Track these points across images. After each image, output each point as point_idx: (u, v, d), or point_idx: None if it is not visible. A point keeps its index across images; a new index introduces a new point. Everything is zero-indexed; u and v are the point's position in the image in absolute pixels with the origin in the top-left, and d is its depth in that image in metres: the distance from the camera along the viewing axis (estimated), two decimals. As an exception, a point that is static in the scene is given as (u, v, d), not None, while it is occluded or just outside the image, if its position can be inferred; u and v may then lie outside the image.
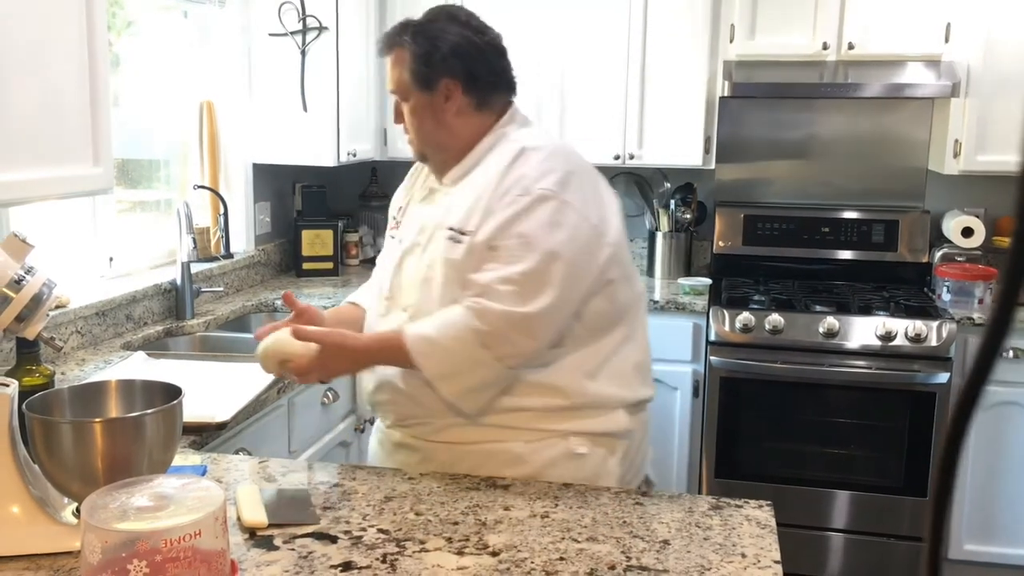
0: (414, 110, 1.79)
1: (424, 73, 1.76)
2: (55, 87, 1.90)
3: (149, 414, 1.39)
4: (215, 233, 3.38)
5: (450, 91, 1.76)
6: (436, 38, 1.77)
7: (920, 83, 3.38)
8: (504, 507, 1.53)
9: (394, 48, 1.79)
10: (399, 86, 1.79)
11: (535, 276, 1.63)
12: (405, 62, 1.76)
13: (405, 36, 1.77)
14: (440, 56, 1.75)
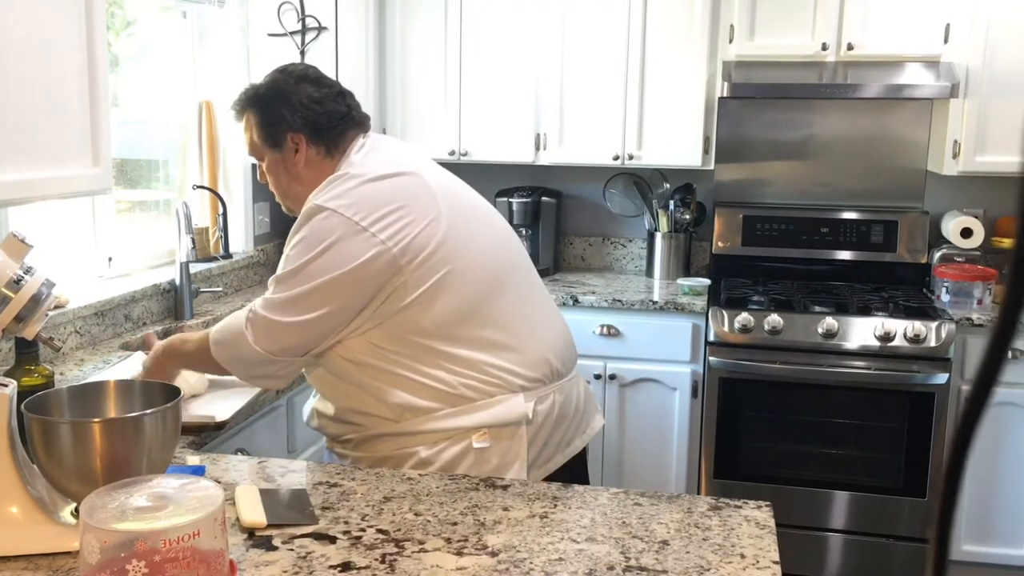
0: (269, 168, 1.93)
1: (270, 132, 1.90)
2: (54, 87, 1.90)
3: (148, 414, 1.39)
4: (214, 233, 3.38)
5: (297, 144, 1.90)
6: (275, 99, 1.91)
7: (919, 84, 3.39)
8: (503, 507, 1.53)
9: (243, 114, 1.94)
10: (252, 148, 1.94)
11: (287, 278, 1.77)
12: (252, 125, 1.92)
13: (247, 102, 1.93)
14: (280, 114, 1.89)
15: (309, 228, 1.77)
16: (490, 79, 3.69)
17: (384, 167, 1.83)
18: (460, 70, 3.71)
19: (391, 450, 1.84)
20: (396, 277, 1.75)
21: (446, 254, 1.78)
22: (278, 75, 1.97)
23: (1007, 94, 3.33)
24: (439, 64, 3.74)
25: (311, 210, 1.78)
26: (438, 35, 3.72)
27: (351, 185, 1.79)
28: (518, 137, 3.72)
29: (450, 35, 3.71)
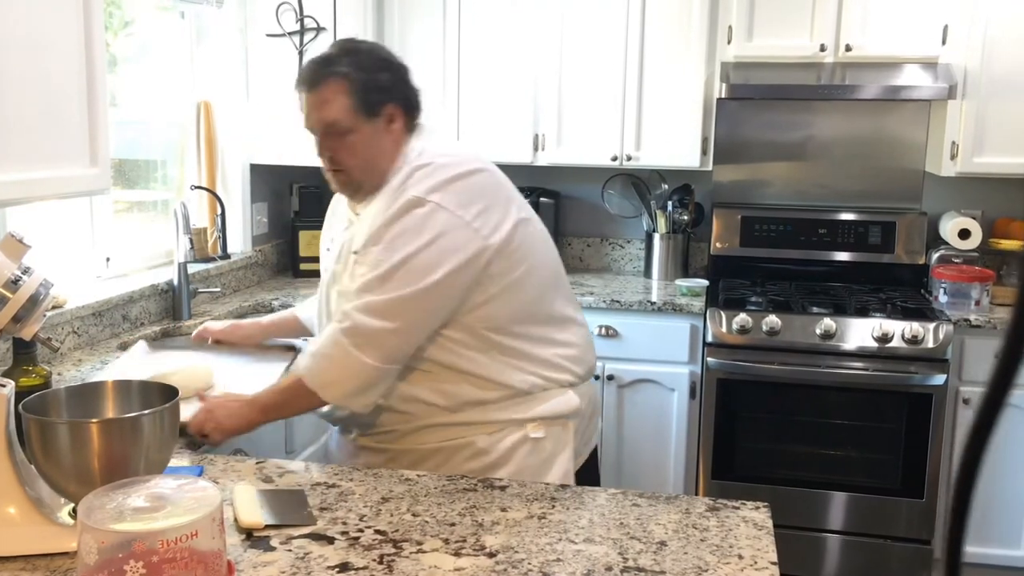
0: (359, 141, 1.80)
1: (369, 99, 1.79)
2: (52, 87, 1.90)
3: (146, 415, 1.39)
4: (212, 234, 3.37)
5: (393, 116, 1.82)
6: (379, 66, 1.82)
7: (917, 85, 3.39)
8: (501, 508, 1.53)
9: (327, 81, 1.77)
10: (340, 118, 1.78)
11: (390, 276, 1.72)
12: (345, 92, 1.77)
13: (339, 67, 1.78)
14: (383, 82, 1.81)
15: (412, 220, 1.72)
16: (488, 80, 3.69)
17: (465, 161, 1.83)
18: (458, 71, 3.71)
19: (443, 439, 1.83)
20: (486, 272, 1.77)
21: (524, 252, 1.82)
22: (369, 44, 1.87)
23: (1005, 95, 3.33)
24: (437, 65, 3.74)
25: (411, 202, 1.73)
26: (436, 36, 3.72)
27: (445, 177, 1.77)
28: (516, 138, 3.72)
29: (448, 35, 3.71)
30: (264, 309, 3.35)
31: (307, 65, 1.81)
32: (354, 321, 1.72)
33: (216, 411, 1.80)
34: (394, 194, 1.77)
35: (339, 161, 1.82)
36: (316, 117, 1.80)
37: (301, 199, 3.95)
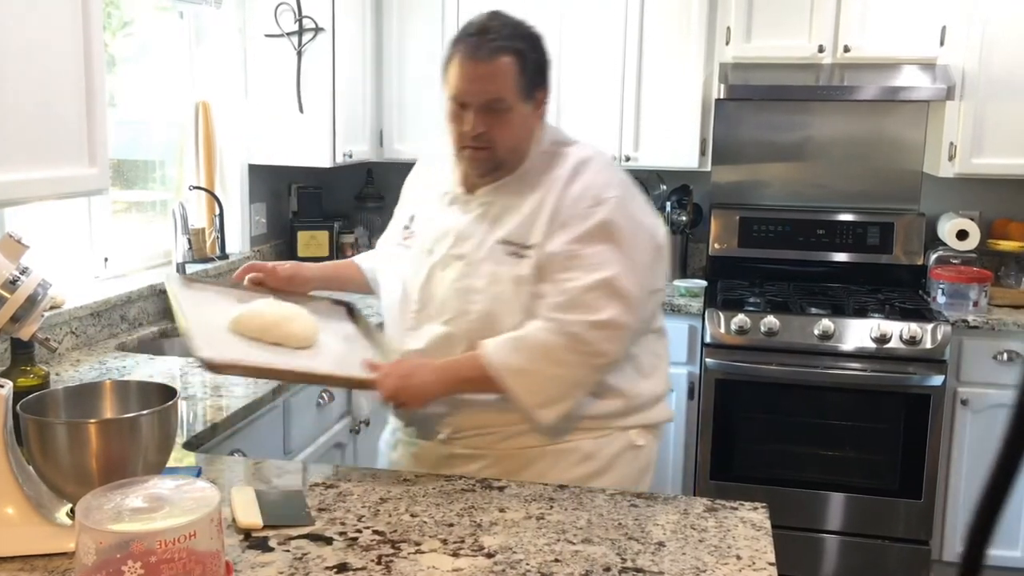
0: (515, 120, 1.70)
1: (532, 80, 1.70)
2: (51, 87, 1.90)
3: (144, 415, 1.38)
4: (211, 234, 3.37)
5: (541, 100, 1.75)
6: (539, 47, 1.72)
7: (915, 86, 3.39)
8: (499, 509, 1.53)
9: (501, 55, 1.66)
10: (506, 95, 1.67)
11: (616, 282, 1.65)
12: (516, 70, 1.67)
13: (516, 43, 1.68)
14: (544, 64, 1.73)
15: (613, 215, 1.67)
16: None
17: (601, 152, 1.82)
18: (457, 71, 3.71)
19: (547, 442, 1.74)
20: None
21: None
22: (522, 21, 1.74)
23: (1003, 96, 3.34)
24: (436, 65, 3.71)
25: (600, 199, 1.67)
26: (435, 36, 3.72)
27: (613, 169, 1.76)
28: (515, 138, 3.71)
29: (447, 35, 3.70)
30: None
31: (476, 34, 1.69)
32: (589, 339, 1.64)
33: (412, 378, 1.68)
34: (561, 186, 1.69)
35: (490, 138, 1.69)
36: (480, 89, 1.67)
37: (299, 199, 3.95)
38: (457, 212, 1.78)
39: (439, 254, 1.77)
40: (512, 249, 1.70)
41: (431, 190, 1.86)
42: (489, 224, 1.73)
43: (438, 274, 1.76)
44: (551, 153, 1.75)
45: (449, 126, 1.73)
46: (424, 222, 1.84)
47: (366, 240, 4.14)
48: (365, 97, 3.76)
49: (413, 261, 1.82)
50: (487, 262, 1.71)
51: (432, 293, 1.77)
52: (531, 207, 1.70)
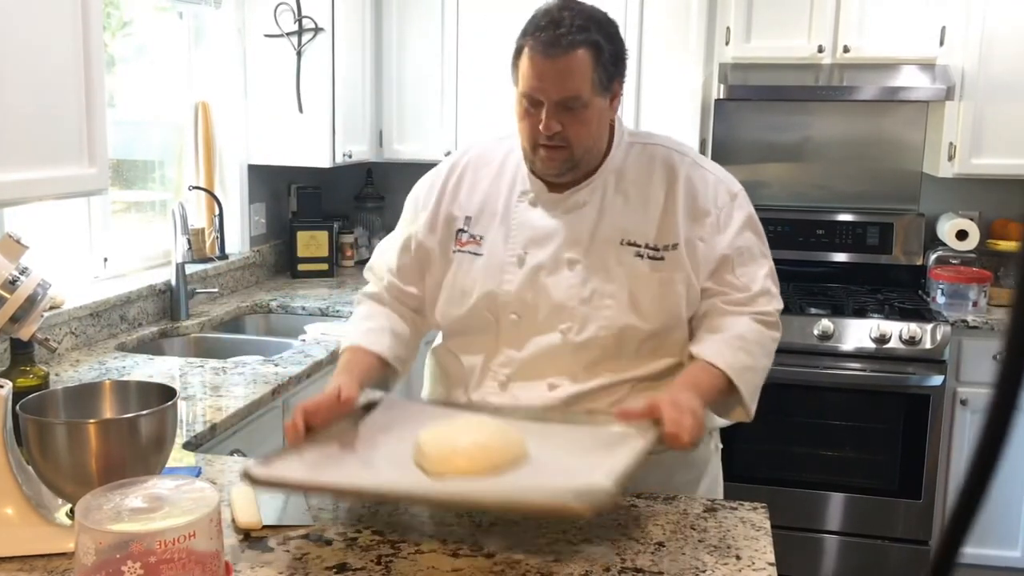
0: (593, 116, 1.59)
1: (610, 74, 1.59)
2: (50, 87, 1.90)
3: (144, 415, 1.39)
4: (210, 234, 3.37)
5: (616, 92, 1.63)
6: (614, 35, 1.60)
7: (915, 86, 3.39)
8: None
9: (577, 49, 1.54)
10: (583, 91, 1.56)
11: (774, 268, 1.69)
12: (592, 64, 1.55)
13: (591, 34, 1.55)
14: (621, 52, 1.62)
15: (749, 206, 1.68)
16: (486, 80, 3.69)
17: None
18: (456, 71, 3.71)
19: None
20: None
21: None
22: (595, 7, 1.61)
23: (1002, 96, 3.34)
24: (435, 65, 3.75)
25: (735, 193, 1.67)
26: (434, 36, 3.72)
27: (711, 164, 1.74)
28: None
29: (446, 36, 3.71)
30: (262, 310, 3.35)
31: (547, 26, 1.54)
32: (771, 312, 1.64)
33: (697, 411, 1.48)
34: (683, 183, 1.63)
35: (566, 137, 1.57)
36: (555, 87, 1.55)
37: (299, 200, 3.95)
38: (548, 213, 1.66)
39: (541, 258, 1.64)
40: (642, 251, 1.62)
41: (493, 191, 1.71)
42: (598, 225, 1.64)
43: (544, 280, 1.63)
44: (637, 145, 1.69)
45: (520, 124, 1.63)
46: (498, 225, 1.68)
47: (365, 240, 4.14)
48: (365, 97, 3.76)
49: (492, 268, 1.67)
50: (617, 266, 1.62)
51: (537, 301, 1.63)
52: (649, 206, 1.63)
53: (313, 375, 2.59)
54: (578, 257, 1.63)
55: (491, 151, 1.77)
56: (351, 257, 4.05)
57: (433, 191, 1.75)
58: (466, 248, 1.70)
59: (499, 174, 1.73)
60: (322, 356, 2.65)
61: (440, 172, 1.78)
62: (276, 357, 2.64)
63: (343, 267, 4.02)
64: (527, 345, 1.65)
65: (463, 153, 1.80)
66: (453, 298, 1.71)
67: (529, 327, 1.65)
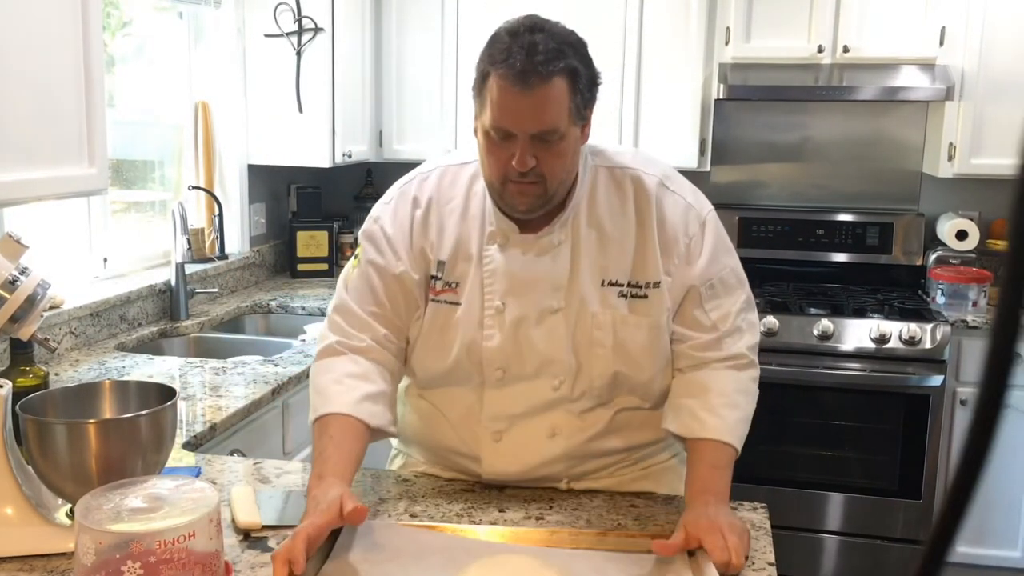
0: (567, 148, 1.46)
1: (586, 100, 1.47)
2: (50, 87, 1.90)
3: (143, 415, 1.38)
4: (210, 234, 3.37)
5: (589, 119, 1.51)
6: (588, 58, 1.49)
7: (915, 86, 3.39)
8: (499, 509, 1.53)
9: (554, 79, 1.40)
10: (560, 123, 1.42)
11: (750, 295, 1.61)
12: (568, 91, 1.42)
13: (567, 60, 1.42)
14: (595, 77, 1.50)
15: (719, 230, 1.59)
16: (486, 80, 3.69)
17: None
18: (456, 71, 3.71)
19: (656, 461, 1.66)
20: None
21: None
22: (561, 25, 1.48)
23: (1002, 97, 3.34)
24: (435, 65, 3.75)
25: (703, 220, 1.56)
26: (434, 36, 3.72)
27: (664, 167, 1.62)
28: (514, 138, 3.71)
29: (446, 36, 3.71)
30: (262, 310, 3.35)
31: (520, 54, 1.39)
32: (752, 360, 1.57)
33: (735, 524, 1.39)
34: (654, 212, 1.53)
35: (541, 172, 1.44)
36: (532, 120, 1.41)
37: (299, 200, 3.95)
38: (523, 256, 1.53)
39: (522, 309, 1.52)
40: (624, 290, 1.53)
41: (463, 233, 1.56)
42: (576, 265, 1.53)
43: (528, 332, 1.52)
44: (603, 170, 1.57)
45: (487, 159, 1.47)
46: (473, 271, 1.55)
47: (365, 240, 4.13)
48: (364, 97, 3.76)
49: (472, 320, 1.54)
50: (601, 310, 1.52)
51: (522, 355, 1.53)
52: (626, 240, 1.53)
53: (313, 375, 2.59)
54: (560, 304, 1.52)
55: (452, 184, 1.59)
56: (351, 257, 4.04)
57: (402, 229, 1.59)
58: (441, 297, 1.56)
59: (465, 212, 1.57)
60: (322, 356, 2.64)
61: (404, 207, 1.60)
62: (276, 357, 2.64)
63: (343, 267, 4.00)
64: (517, 400, 1.55)
65: (422, 185, 1.61)
66: (431, 351, 1.57)
67: (517, 382, 1.54)
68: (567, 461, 1.58)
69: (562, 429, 1.56)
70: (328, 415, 1.49)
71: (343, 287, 1.63)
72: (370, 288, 1.59)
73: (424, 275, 1.57)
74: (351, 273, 1.63)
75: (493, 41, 1.44)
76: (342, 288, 1.63)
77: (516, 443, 1.57)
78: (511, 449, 1.57)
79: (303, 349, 2.73)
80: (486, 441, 1.58)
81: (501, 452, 1.58)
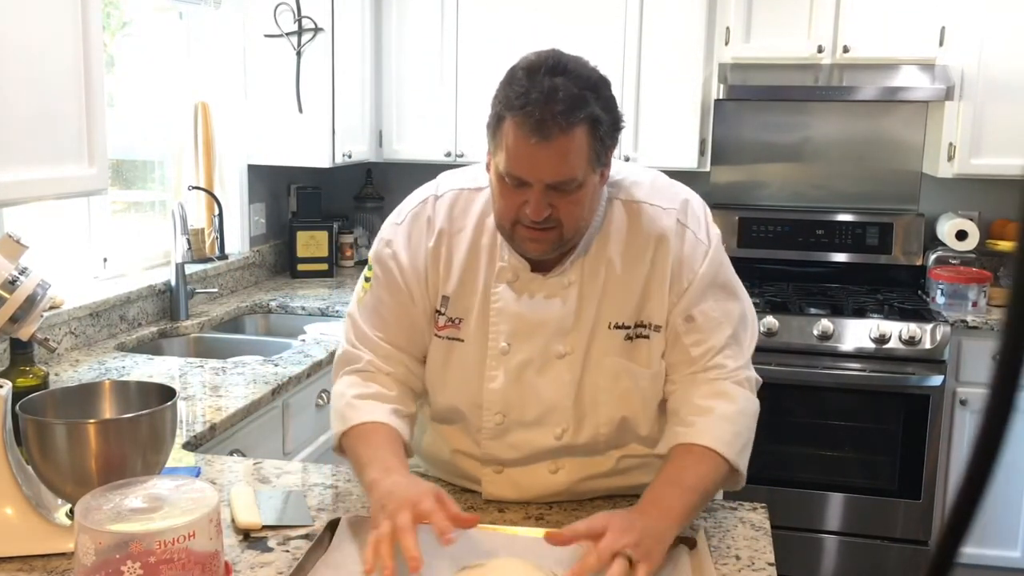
0: (585, 195, 1.39)
1: (607, 146, 1.40)
2: (50, 88, 1.90)
3: (143, 415, 1.38)
4: (210, 234, 3.37)
5: (609, 162, 1.44)
6: (611, 102, 1.41)
7: (914, 86, 3.40)
8: (499, 510, 1.53)
9: (575, 129, 1.33)
10: (579, 173, 1.35)
11: (743, 314, 1.55)
12: (588, 140, 1.35)
13: (589, 107, 1.35)
14: (617, 121, 1.42)
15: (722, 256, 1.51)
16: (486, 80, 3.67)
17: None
18: (456, 71, 3.71)
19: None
20: None
21: None
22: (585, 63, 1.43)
23: (1002, 97, 3.34)
24: (435, 65, 3.75)
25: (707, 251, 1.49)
26: (434, 36, 3.73)
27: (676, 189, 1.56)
28: (514, 139, 3.71)
29: (446, 36, 3.71)
30: (262, 310, 3.35)
31: (538, 102, 1.31)
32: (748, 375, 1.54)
33: (647, 539, 1.27)
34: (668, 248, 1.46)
35: (559, 217, 1.38)
36: (548, 171, 1.34)
37: (299, 200, 3.95)
38: (532, 298, 1.48)
39: (527, 353, 1.47)
40: (630, 332, 1.47)
41: (470, 267, 1.51)
42: (583, 307, 1.47)
43: (532, 378, 1.48)
44: (617, 202, 1.50)
45: (498, 199, 1.41)
46: (477, 308, 1.50)
47: (365, 240, 4.14)
48: (364, 97, 3.76)
49: (474, 361, 1.50)
50: (606, 355, 1.47)
51: (524, 402, 1.49)
52: (635, 280, 1.47)
53: (313, 375, 2.59)
54: (567, 349, 1.46)
55: (464, 211, 1.53)
56: (351, 257, 4.05)
57: (415, 261, 1.52)
58: (444, 333, 1.51)
59: (475, 244, 1.50)
60: (322, 356, 2.65)
61: (418, 235, 1.53)
62: (276, 357, 2.64)
63: (343, 267, 4.02)
64: (518, 447, 1.51)
65: (436, 209, 1.54)
66: (433, 383, 1.55)
67: (516, 429, 1.50)
68: (569, 494, 1.56)
69: (565, 465, 1.54)
70: (365, 423, 1.45)
71: (356, 308, 1.58)
72: (382, 316, 1.54)
73: (431, 309, 1.53)
74: (363, 297, 1.57)
75: (510, 81, 1.36)
76: (356, 310, 1.58)
77: (518, 475, 1.55)
78: (513, 480, 1.55)
79: (303, 349, 2.74)
80: (487, 473, 1.56)
81: (501, 482, 1.56)
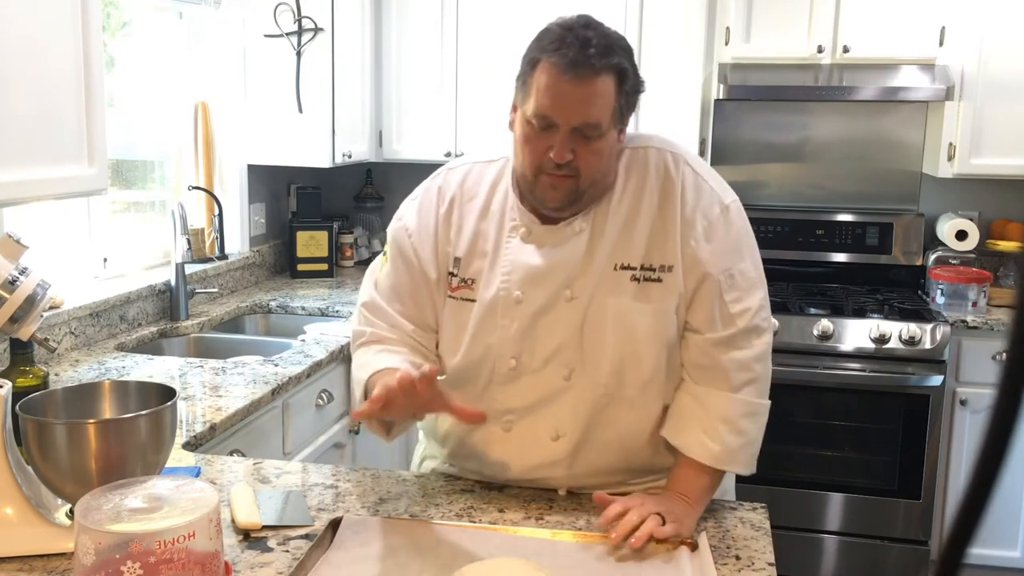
0: (605, 147, 1.46)
1: (630, 104, 1.47)
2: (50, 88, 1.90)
3: (143, 415, 1.38)
4: (210, 234, 3.37)
5: (626, 125, 1.51)
6: (634, 63, 1.48)
7: (914, 86, 3.39)
8: (499, 509, 1.53)
9: (603, 74, 1.42)
10: (603, 120, 1.43)
11: (766, 297, 1.57)
12: (613, 90, 1.43)
13: (617, 58, 1.44)
14: (639, 84, 1.49)
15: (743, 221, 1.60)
16: (486, 79, 3.69)
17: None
18: (456, 70, 3.71)
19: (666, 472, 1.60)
20: None
21: None
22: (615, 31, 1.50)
23: (1002, 97, 3.34)
24: (435, 65, 3.75)
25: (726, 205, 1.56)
26: (434, 36, 3.73)
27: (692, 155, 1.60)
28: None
29: (446, 35, 3.71)
30: (261, 310, 3.35)
31: (573, 45, 1.41)
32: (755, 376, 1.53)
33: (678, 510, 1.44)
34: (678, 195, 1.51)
35: (576, 167, 1.44)
36: (576, 112, 1.41)
37: (299, 200, 3.95)
38: (542, 247, 1.53)
39: (539, 300, 1.52)
40: (637, 274, 1.50)
41: (482, 231, 1.57)
42: (592, 250, 1.51)
43: (542, 322, 1.52)
44: (626, 150, 1.55)
45: (522, 147, 1.48)
46: (488, 267, 1.56)
47: (365, 240, 4.14)
48: (364, 97, 3.76)
49: (488, 315, 1.54)
50: (611, 295, 1.50)
51: (535, 345, 1.53)
52: (643, 220, 1.51)
53: (313, 375, 2.59)
54: (575, 293, 1.51)
55: (477, 181, 1.60)
56: (351, 257, 4.05)
57: (426, 229, 1.59)
58: (458, 294, 1.57)
59: (485, 211, 1.58)
60: (322, 356, 2.65)
61: (428, 204, 1.61)
62: (276, 357, 2.64)
63: (343, 267, 4.02)
64: (527, 392, 1.55)
65: (447, 180, 1.62)
66: (447, 347, 1.59)
67: (527, 372, 1.54)
68: (568, 468, 1.57)
69: (566, 431, 1.55)
70: (380, 370, 1.48)
71: (372, 284, 1.65)
72: (397, 289, 1.61)
73: (444, 273, 1.59)
74: (379, 272, 1.65)
75: (544, 33, 1.46)
76: (371, 285, 1.65)
77: (522, 438, 1.57)
78: (517, 443, 1.57)
79: (303, 349, 2.74)
80: (495, 432, 1.57)
81: (508, 446, 1.58)
